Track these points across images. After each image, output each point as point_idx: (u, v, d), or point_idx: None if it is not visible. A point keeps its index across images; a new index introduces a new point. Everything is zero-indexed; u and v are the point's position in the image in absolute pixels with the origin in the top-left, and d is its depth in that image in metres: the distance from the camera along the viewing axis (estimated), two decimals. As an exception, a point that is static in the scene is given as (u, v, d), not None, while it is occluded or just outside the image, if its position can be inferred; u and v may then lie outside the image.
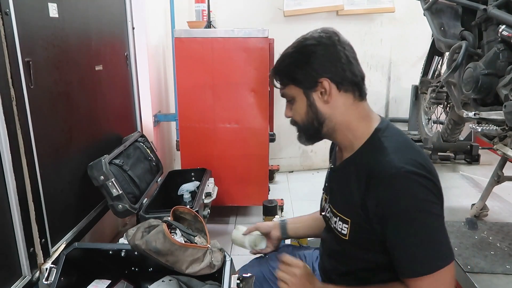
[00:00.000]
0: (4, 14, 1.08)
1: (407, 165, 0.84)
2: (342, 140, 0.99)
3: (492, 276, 1.29)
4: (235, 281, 1.03)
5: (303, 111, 0.98)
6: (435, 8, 1.91)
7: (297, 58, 0.96)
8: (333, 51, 0.94)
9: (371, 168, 0.88)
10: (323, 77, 0.93)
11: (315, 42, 0.95)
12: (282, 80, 1.00)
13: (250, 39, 2.24)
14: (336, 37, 0.95)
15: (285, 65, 0.98)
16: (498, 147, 1.55)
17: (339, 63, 0.93)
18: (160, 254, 1.02)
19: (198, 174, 2.24)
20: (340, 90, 0.94)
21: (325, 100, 0.94)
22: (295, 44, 0.98)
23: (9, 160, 1.11)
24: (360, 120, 0.96)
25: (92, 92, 1.68)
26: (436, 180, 0.88)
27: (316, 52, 0.94)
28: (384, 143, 0.91)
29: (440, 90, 2.28)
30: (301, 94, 0.97)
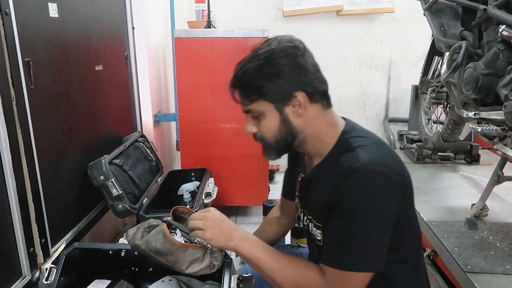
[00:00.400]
0: (4, 14, 1.08)
1: (371, 163, 0.84)
2: (311, 149, 0.99)
3: (492, 276, 1.29)
4: (235, 281, 1.03)
5: (275, 127, 0.94)
6: (435, 8, 1.91)
7: (266, 72, 0.90)
8: (302, 62, 0.91)
9: (341, 167, 0.87)
10: (297, 90, 0.90)
11: (283, 54, 0.90)
12: (248, 95, 0.94)
13: (250, 39, 2.24)
14: (302, 45, 0.93)
15: (251, 80, 0.92)
16: (498, 147, 1.55)
17: (309, 73, 0.91)
18: (160, 254, 1.02)
19: (198, 174, 2.24)
20: (312, 102, 0.93)
21: (299, 113, 0.93)
22: (260, 56, 0.91)
23: (9, 160, 1.11)
24: (328, 127, 0.96)
25: (92, 92, 1.68)
26: (400, 181, 0.87)
27: (287, 64, 0.90)
28: (352, 144, 0.91)
29: (440, 90, 2.28)
30: (273, 110, 0.93)
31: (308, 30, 3.13)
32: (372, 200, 0.83)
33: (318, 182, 0.96)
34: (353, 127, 0.97)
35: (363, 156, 0.85)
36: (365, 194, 0.83)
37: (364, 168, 0.83)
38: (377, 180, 0.84)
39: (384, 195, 0.84)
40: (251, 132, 1.00)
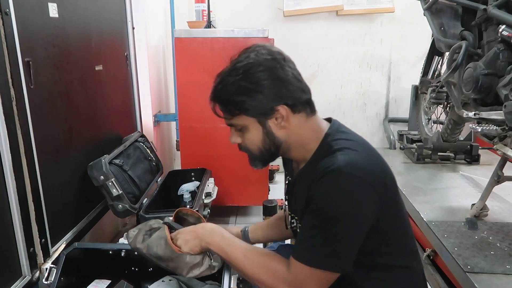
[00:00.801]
0: (4, 14, 1.08)
1: (347, 166, 0.84)
2: (296, 156, 1.00)
3: (492, 276, 1.29)
4: (235, 281, 1.03)
5: (259, 139, 0.95)
6: (435, 8, 1.91)
7: (246, 87, 0.89)
8: (282, 74, 0.90)
9: (318, 169, 0.88)
10: (278, 104, 0.90)
11: (262, 68, 0.89)
12: (229, 110, 0.94)
13: (250, 39, 2.24)
14: (281, 56, 0.92)
15: (231, 95, 0.91)
16: (498, 147, 1.55)
17: (290, 85, 0.90)
18: (161, 259, 1.02)
19: (198, 174, 2.24)
20: (295, 112, 0.92)
21: (282, 125, 0.93)
22: (238, 71, 0.90)
23: (9, 160, 1.11)
24: (312, 133, 0.96)
25: (92, 92, 1.68)
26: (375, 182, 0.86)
27: (266, 78, 0.88)
28: (333, 147, 0.90)
29: (440, 90, 2.28)
30: (255, 123, 0.93)
31: (308, 30, 3.13)
32: (343, 202, 0.83)
33: (301, 186, 0.97)
34: (337, 129, 0.97)
35: (340, 158, 0.85)
36: (336, 196, 0.83)
37: (339, 171, 0.84)
38: (351, 183, 0.84)
39: (356, 198, 0.84)
40: (235, 143, 1.01)
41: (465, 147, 2.46)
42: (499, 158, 1.66)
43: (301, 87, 0.93)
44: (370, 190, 0.85)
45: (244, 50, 0.94)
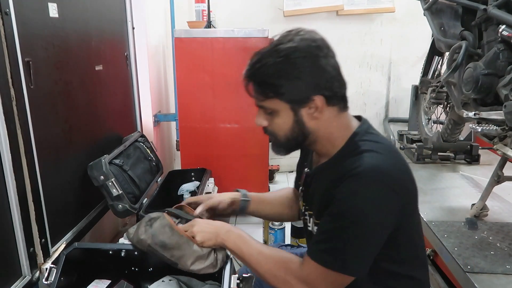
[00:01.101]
0: (4, 14, 1.08)
1: (373, 170, 0.83)
2: (320, 149, 0.97)
3: (492, 276, 1.29)
4: (235, 281, 1.03)
5: (288, 127, 0.92)
6: (435, 8, 1.92)
7: (286, 71, 0.86)
8: (324, 64, 0.87)
9: (343, 169, 0.86)
10: (316, 94, 0.87)
11: (305, 54, 0.86)
12: (263, 91, 0.90)
13: (250, 39, 2.24)
14: (324, 45, 0.89)
15: (270, 77, 0.87)
16: (498, 147, 1.55)
17: (330, 76, 0.88)
18: (166, 248, 1.01)
19: (198, 174, 2.24)
20: (329, 105, 0.90)
21: (314, 116, 0.90)
22: (280, 53, 0.86)
23: (9, 160, 1.11)
24: (341, 130, 0.94)
25: (92, 92, 1.68)
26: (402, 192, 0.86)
27: (308, 66, 0.86)
28: (360, 147, 0.89)
29: (440, 90, 2.28)
30: (287, 110, 0.90)
31: (308, 30, 3.12)
32: (367, 207, 0.82)
33: (320, 181, 0.96)
34: (366, 130, 0.94)
35: (367, 161, 0.84)
36: (360, 200, 0.82)
37: (365, 174, 0.82)
38: (376, 189, 0.83)
39: (379, 204, 0.83)
40: (261, 125, 0.97)
41: (465, 147, 2.46)
42: (499, 158, 1.66)
43: (340, 80, 0.90)
44: (394, 197, 0.84)
45: (287, 33, 0.90)
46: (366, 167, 0.83)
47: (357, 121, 0.98)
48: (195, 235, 1.02)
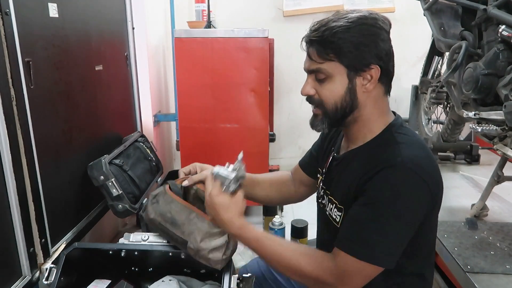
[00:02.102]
0: (4, 14, 1.08)
1: (410, 162, 0.83)
2: (356, 132, 0.97)
3: (492, 276, 1.29)
4: (235, 281, 1.03)
5: (339, 94, 0.91)
6: (435, 8, 1.92)
7: (354, 35, 0.87)
8: (389, 40, 0.91)
9: (379, 158, 0.87)
10: (375, 63, 0.89)
11: (373, 24, 0.89)
12: (325, 52, 0.89)
13: (250, 39, 2.24)
14: (388, 24, 0.93)
15: (337, 38, 0.87)
16: (498, 147, 1.55)
17: (389, 53, 0.91)
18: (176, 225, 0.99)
19: (198, 174, 2.24)
20: (380, 82, 0.91)
21: (366, 87, 0.90)
22: (349, 19, 0.88)
23: (9, 160, 1.11)
24: (381, 115, 0.95)
25: (92, 92, 1.68)
26: (433, 186, 0.86)
27: (374, 34, 0.88)
28: (397, 138, 0.90)
29: (440, 90, 2.28)
30: (343, 75, 0.89)
31: (308, 30, 3.12)
32: (402, 198, 0.83)
33: (350, 166, 0.95)
34: (401, 124, 0.96)
35: (404, 153, 0.85)
36: (396, 191, 0.83)
37: (403, 166, 0.83)
38: (412, 181, 0.83)
39: (415, 196, 0.84)
40: (308, 94, 0.95)
41: (465, 147, 2.46)
42: (499, 158, 1.66)
43: (393, 61, 0.93)
44: (427, 191, 0.85)
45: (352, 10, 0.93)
46: (403, 158, 0.84)
47: (393, 115, 0.99)
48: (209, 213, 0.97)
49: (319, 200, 1.10)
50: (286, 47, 3.10)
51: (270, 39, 2.36)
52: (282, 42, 3.00)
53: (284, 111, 3.31)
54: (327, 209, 1.02)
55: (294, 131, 3.35)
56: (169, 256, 1.17)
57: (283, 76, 3.24)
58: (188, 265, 1.19)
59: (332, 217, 0.99)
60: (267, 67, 2.29)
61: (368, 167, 0.87)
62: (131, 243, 1.20)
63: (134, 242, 1.21)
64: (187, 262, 1.16)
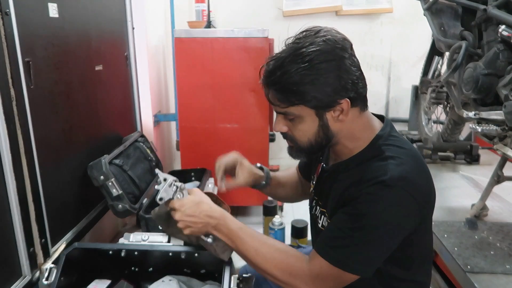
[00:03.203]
0: (4, 14, 1.08)
1: (400, 179, 0.82)
2: (341, 149, 0.96)
3: (492, 276, 1.30)
4: (235, 281, 1.03)
5: (312, 132, 0.90)
6: (435, 8, 1.92)
7: (312, 77, 0.83)
8: (348, 65, 0.85)
9: (367, 174, 0.86)
10: (343, 98, 0.85)
11: (331, 58, 0.83)
12: (288, 99, 0.86)
13: (250, 39, 2.24)
14: (349, 45, 0.88)
15: (294, 83, 0.83)
16: (498, 147, 1.55)
17: (354, 77, 0.86)
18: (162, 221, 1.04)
19: (198, 174, 2.24)
20: (352, 106, 0.88)
21: (339, 119, 0.88)
22: (303, 58, 0.83)
23: (9, 160, 1.11)
24: (363, 130, 0.93)
25: (92, 92, 1.68)
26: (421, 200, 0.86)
27: (335, 70, 0.83)
28: (385, 152, 0.88)
29: (440, 90, 2.28)
30: (312, 115, 0.88)
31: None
32: (388, 214, 0.83)
33: (339, 180, 0.94)
34: (389, 133, 0.93)
35: (394, 169, 0.83)
36: (382, 206, 0.82)
37: (391, 182, 0.82)
38: (400, 198, 0.83)
39: (401, 212, 0.84)
40: (280, 131, 0.95)
41: (465, 147, 2.46)
42: (499, 158, 1.66)
43: (362, 79, 0.89)
44: (415, 207, 0.84)
45: (304, 34, 0.87)
46: (392, 175, 0.82)
47: (379, 122, 0.97)
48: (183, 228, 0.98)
49: (311, 210, 1.11)
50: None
51: (270, 39, 2.36)
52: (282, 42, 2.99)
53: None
54: (319, 220, 1.03)
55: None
56: (169, 256, 1.17)
57: (283, 76, 3.23)
58: (188, 265, 1.19)
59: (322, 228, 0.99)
60: (267, 67, 2.29)
61: (356, 182, 0.87)
62: (131, 243, 1.21)
63: (134, 242, 1.21)
64: (187, 262, 1.16)
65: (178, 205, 0.99)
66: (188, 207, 0.98)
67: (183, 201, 1.00)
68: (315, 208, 1.07)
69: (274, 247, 0.94)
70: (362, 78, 0.89)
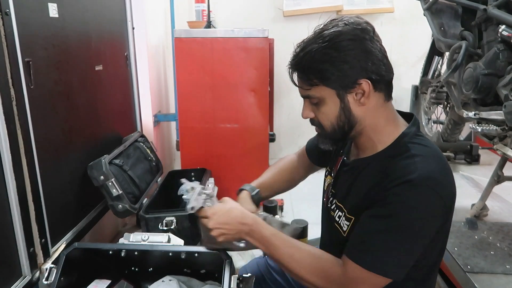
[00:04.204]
0: (4, 14, 1.08)
1: (428, 179, 0.82)
2: (364, 142, 0.95)
3: (492, 276, 1.30)
4: (235, 281, 1.03)
5: (334, 115, 0.89)
6: (435, 8, 1.92)
7: (331, 55, 0.84)
8: (370, 47, 0.85)
9: (395, 172, 0.85)
10: (363, 78, 0.85)
11: (350, 37, 0.84)
12: (309, 79, 0.87)
13: (250, 39, 2.24)
14: (371, 29, 0.87)
15: (314, 62, 0.85)
16: (498, 147, 1.55)
17: (376, 59, 0.85)
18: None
19: (198, 174, 2.24)
20: (376, 90, 0.87)
21: (361, 102, 0.88)
22: (324, 38, 0.85)
23: (9, 160, 1.11)
24: (387, 123, 0.92)
25: (92, 92, 1.68)
26: (448, 200, 0.86)
27: (354, 49, 0.84)
28: (411, 150, 0.87)
29: (440, 90, 2.28)
30: (334, 96, 0.87)
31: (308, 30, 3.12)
32: (417, 214, 0.82)
33: (361, 176, 0.93)
34: (415, 132, 0.92)
35: (421, 168, 0.82)
36: (412, 207, 0.82)
37: (420, 182, 0.81)
38: (429, 198, 0.82)
39: (430, 212, 0.83)
40: (307, 117, 0.95)
41: (465, 147, 2.46)
42: (499, 158, 1.66)
43: (386, 64, 0.88)
44: (442, 207, 0.84)
45: (331, 20, 0.89)
46: (420, 174, 0.82)
47: (403, 120, 0.97)
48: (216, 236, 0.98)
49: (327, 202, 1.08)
50: (286, 47, 3.09)
51: (270, 39, 2.36)
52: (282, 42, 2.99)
53: (284, 111, 3.31)
54: (334, 214, 1.01)
55: (294, 131, 3.35)
56: (169, 256, 1.17)
57: (283, 76, 3.21)
58: (188, 265, 1.19)
59: (340, 225, 0.98)
60: (267, 67, 2.29)
61: (383, 179, 0.86)
62: (131, 243, 1.20)
63: (134, 242, 1.21)
64: (187, 262, 1.16)
65: (210, 213, 0.99)
66: (220, 215, 0.98)
67: (215, 209, 1.00)
68: (330, 201, 1.05)
69: (308, 252, 0.93)
70: (386, 63, 0.88)
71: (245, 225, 0.97)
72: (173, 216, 1.64)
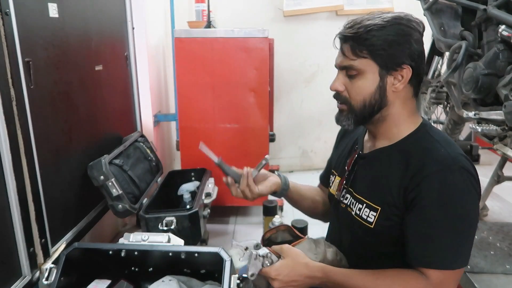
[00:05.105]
0: (4, 14, 1.08)
1: (462, 161, 0.86)
2: (384, 131, 0.97)
3: (492, 276, 1.30)
4: (235, 281, 1.03)
5: (369, 91, 0.92)
6: (435, 8, 1.92)
7: (390, 34, 0.89)
8: (421, 42, 0.93)
9: (420, 156, 0.88)
10: (408, 63, 0.90)
11: (409, 25, 0.91)
12: (359, 49, 0.90)
13: (250, 39, 2.24)
14: (421, 25, 0.94)
15: (373, 37, 0.89)
16: (498, 147, 1.55)
17: (422, 54, 0.93)
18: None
19: (198, 174, 2.24)
20: (409, 83, 0.93)
21: (396, 87, 0.92)
22: (386, 18, 0.90)
23: (9, 160, 1.11)
24: (409, 116, 0.97)
25: (92, 92, 1.68)
26: (477, 177, 0.89)
27: (408, 34, 0.90)
28: (434, 136, 0.92)
29: (440, 90, 2.28)
30: (375, 73, 0.91)
31: (308, 30, 3.12)
32: (468, 198, 0.86)
33: (382, 165, 0.95)
34: (431, 125, 0.98)
35: (451, 152, 0.87)
36: (460, 192, 0.85)
37: (457, 166, 0.85)
38: (469, 181, 0.86)
39: (474, 195, 0.87)
40: (336, 89, 0.97)
41: (465, 147, 2.46)
42: (499, 158, 1.66)
43: (424, 63, 0.95)
44: (479, 188, 0.89)
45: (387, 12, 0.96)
46: (454, 158, 0.86)
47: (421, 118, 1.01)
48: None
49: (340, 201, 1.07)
50: (286, 47, 3.10)
51: (270, 39, 2.36)
52: (282, 42, 3.00)
53: (284, 111, 3.31)
54: (353, 208, 1.01)
55: (294, 131, 3.35)
56: (169, 256, 1.17)
57: (283, 76, 3.23)
58: (188, 265, 1.19)
59: (362, 217, 0.97)
60: (267, 67, 2.29)
61: (414, 167, 0.88)
62: (131, 243, 1.20)
63: (134, 242, 1.21)
64: (187, 262, 1.16)
65: (274, 274, 0.93)
66: (285, 275, 0.93)
67: (277, 268, 0.94)
68: (344, 197, 1.05)
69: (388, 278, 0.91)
70: (424, 62, 0.95)
71: (315, 278, 0.94)
72: (173, 216, 1.64)
